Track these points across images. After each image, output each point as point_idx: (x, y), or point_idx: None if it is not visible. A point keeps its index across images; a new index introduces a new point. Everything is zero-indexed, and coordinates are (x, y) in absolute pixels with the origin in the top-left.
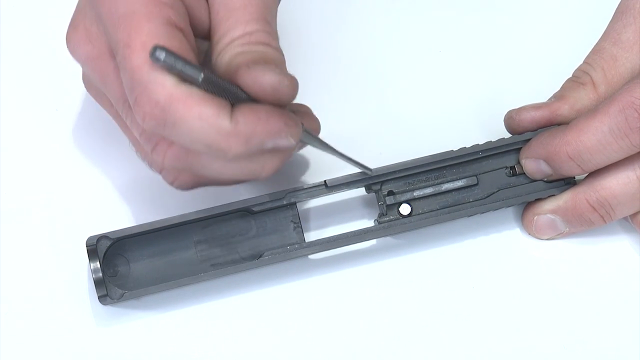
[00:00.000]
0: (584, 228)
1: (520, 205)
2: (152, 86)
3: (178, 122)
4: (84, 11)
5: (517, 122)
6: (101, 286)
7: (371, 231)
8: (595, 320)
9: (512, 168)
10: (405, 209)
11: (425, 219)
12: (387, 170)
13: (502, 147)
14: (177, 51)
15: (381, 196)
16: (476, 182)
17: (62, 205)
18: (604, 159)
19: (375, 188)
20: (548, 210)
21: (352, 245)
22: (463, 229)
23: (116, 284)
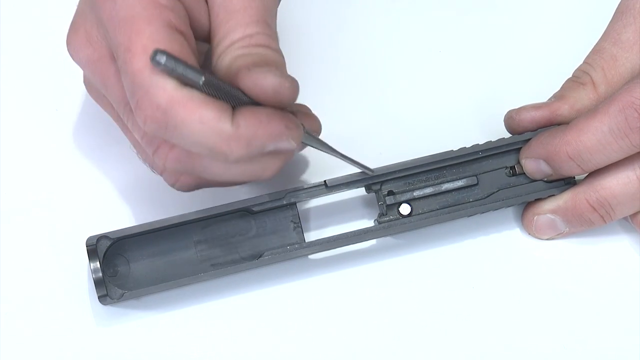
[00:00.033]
0: (584, 228)
1: (520, 205)
2: (153, 90)
3: (179, 126)
4: (84, 14)
5: (517, 122)
6: (101, 286)
7: (371, 231)
8: (595, 320)
9: (512, 168)
10: (405, 209)
11: (425, 219)
12: (387, 170)
13: (502, 147)
14: (178, 54)
15: (381, 196)
16: (476, 182)
17: (62, 205)
18: (604, 159)
19: (375, 188)
20: (548, 210)
21: (352, 245)
22: (463, 229)
23: (116, 284)
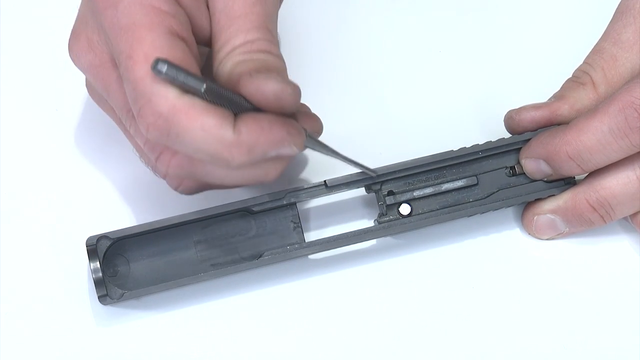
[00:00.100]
0: (584, 228)
1: (520, 205)
2: (155, 98)
3: (181, 133)
4: (85, 20)
5: (517, 122)
6: (101, 286)
7: (371, 231)
8: (595, 320)
9: (512, 168)
10: (405, 209)
11: (425, 219)
12: (387, 170)
13: (502, 147)
14: (180, 61)
15: (381, 196)
16: (476, 182)
17: (62, 205)
18: (604, 159)
19: (375, 188)
20: (548, 210)
21: (352, 245)
22: (463, 229)
23: (116, 284)
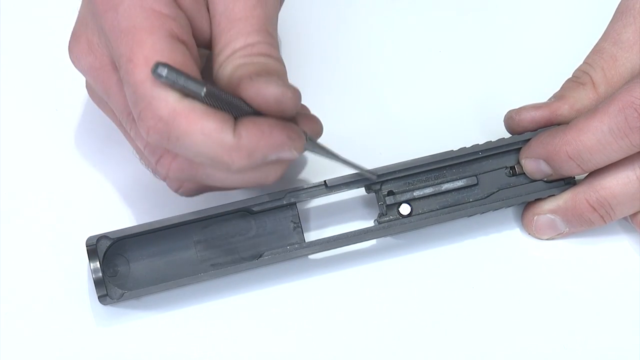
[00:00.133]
0: (584, 228)
1: (520, 205)
2: (156, 102)
3: (182, 137)
4: (85, 22)
5: (517, 122)
6: (101, 286)
7: (371, 231)
8: (595, 320)
9: (512, 168)
10: (405, 209)
11: (425, 219)
12: (387, 170)
13: (502, 147)
14: (180, 65)
15: (381, 196)
16: (476, 182)
17: (62, 205)
18: (604, 159)
19: (375, 188)
20: (548, 210)
21: (352, 245)
22: (463, 229)
23: (116, 284)
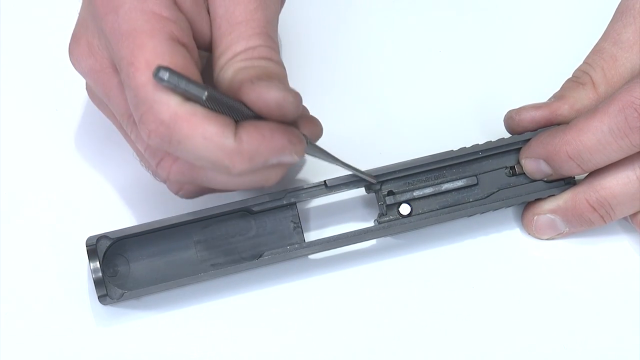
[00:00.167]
0: (584, 228)
1: (520, 205)
2: (157, 105)
3: (183, 140)
4: (86, 24)
5: (517, 122)
6: (101, 286)
7: (371, 231)
8: (595, 320)
9: (512, 168)
10: (405, 209)
11: (425, 219)
12: (387, 170)
13: (502, 147)
14: (181, 68)
15: (381, 196)
16: (476, 182)
17: (62, 205)
18: (604, 159)
19: (375, 188)
20: (548, 210)
21: (352, 245)
22: (463, 229)
23: (116, 284)
